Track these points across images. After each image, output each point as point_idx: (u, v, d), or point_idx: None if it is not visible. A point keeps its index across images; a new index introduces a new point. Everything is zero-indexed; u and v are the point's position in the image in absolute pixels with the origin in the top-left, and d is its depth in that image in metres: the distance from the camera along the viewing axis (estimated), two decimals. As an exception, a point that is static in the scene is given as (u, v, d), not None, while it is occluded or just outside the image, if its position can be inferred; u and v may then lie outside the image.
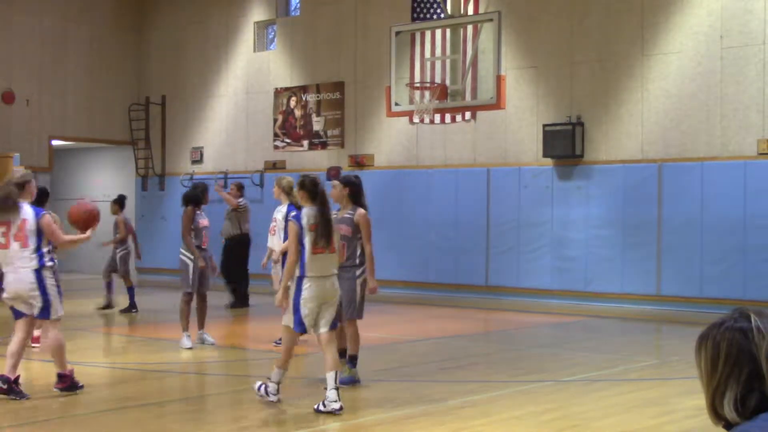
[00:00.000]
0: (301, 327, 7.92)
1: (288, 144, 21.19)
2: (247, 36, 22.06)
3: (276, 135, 21.41)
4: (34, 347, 11.13)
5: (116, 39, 23.61)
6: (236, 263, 16.13)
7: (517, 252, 17.69)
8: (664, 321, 14.81)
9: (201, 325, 11.51)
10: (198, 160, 22.83)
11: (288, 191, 11.26)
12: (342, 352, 9.04)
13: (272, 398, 7.99)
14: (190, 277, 11.51)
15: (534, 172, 17.53)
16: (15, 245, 8.24)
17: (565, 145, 16.85)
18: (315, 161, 20.69)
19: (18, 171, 8.78)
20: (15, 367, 8.22)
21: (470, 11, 18.06)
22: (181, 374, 9.88)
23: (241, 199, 16.16)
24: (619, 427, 7.29)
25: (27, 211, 8.36)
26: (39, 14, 22.23)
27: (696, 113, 15.82)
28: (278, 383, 8.01)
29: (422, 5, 18.65)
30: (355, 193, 9.03)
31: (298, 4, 21.58)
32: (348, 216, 9.00)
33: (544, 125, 17.19)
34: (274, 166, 21.30)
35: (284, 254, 8.82)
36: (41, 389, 8.86)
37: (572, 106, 17.12)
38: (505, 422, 7.41)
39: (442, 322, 14.71)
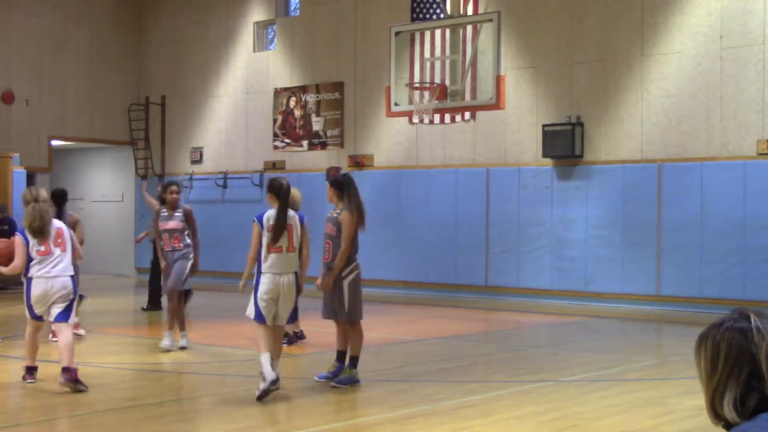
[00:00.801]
0: (260, 318, 8.50)
1: (288, 144, 21.19)
2: (246, 36, 22.06)
3: (275, 135, 21.41)
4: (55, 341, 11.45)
5: (116, 39, 23.61)
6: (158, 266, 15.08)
7: (516, 252, 17.69)
8: (664, 321, 14.81)
9: (171, 326, 11.25)
10: (197, 161, 22.83)
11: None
12: (342, 354, 9.04)
13: (266, 382, 8.12)
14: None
15: (533, 172, 17.53)
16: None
17: (565, 145, 16.85)
18: (314, 161, 20.69)
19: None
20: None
21: (470, 11, 18.07)
22: (179, 374, 9.88)
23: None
24: (619, 427, 7.29)
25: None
26: (39, 14, 22.23)
27: (695, 113, 15.82)
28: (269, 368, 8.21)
29: (422, 5, 18.65)
30: (341, 193, 9.09)
31: (298, 5, 21.58)
32: (335, 215, 9.12)
33: (544, 125, 17.19)
34: (274, 166, 21.30)
35: None
36: (38, 391, 8.86)
37: (572, 107, 17.12)
38: (504, 422, 7.41)
39: (442, 322, 14.71)
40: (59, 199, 11.94)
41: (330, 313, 9.10)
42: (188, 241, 11.42)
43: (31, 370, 9.02)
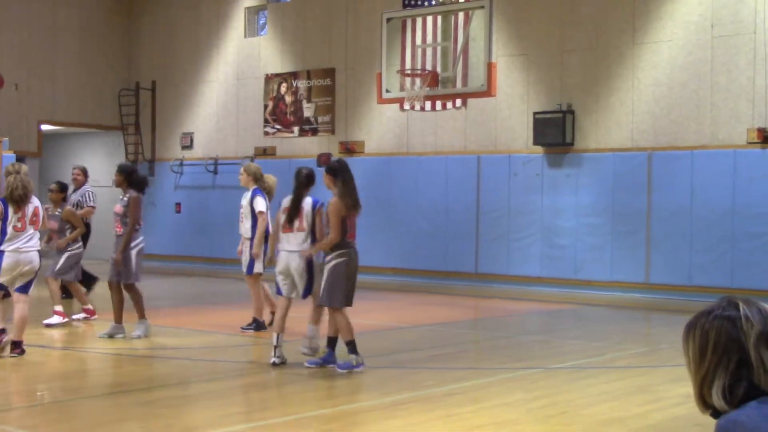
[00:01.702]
0: (278, 291, 9.42)
1: (278, 130, 21.15)
2: (237, 22, 21.99)
3: (266, 121, 21.37)
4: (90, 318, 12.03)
5: (106, 24, 23.50)
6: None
7: (506, 240, 17.71)
8: (653, 309, 14.86)
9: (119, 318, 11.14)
10: (188, 146, 22.77)
11: (258, 177, 11.79)
12: (332, 340, 9.05)
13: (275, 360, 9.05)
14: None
15: (524, 159, 17.54)
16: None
17: (556, 133, 16.86)
18: (305, 148, 20.66)
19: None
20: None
21: (461, -2, 18.02)
22: (168, 360, 9.87)
23: (86, 186, 14.36)
24: (608, 414, 7.31)
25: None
26: (28, -2, 22.11)
27: (686, 102, 15.84)
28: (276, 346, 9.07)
29: (413, -8, 18.60)
30: (335, 179, 8.97)
31: (289, -10, 21.51)
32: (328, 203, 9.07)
33: (535, 113, 17.19)
34: (265, 152, 21.27)
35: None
36: (25, 375, 8.85)
37: (563, 94, 17.12)
38: (494, 409, 7.43)
39: (432, 309, 14.73)
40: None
41: (314, 297, 9.40)
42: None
43: None
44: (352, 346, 8.90)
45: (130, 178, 11.09)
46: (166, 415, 7.20)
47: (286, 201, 9.47)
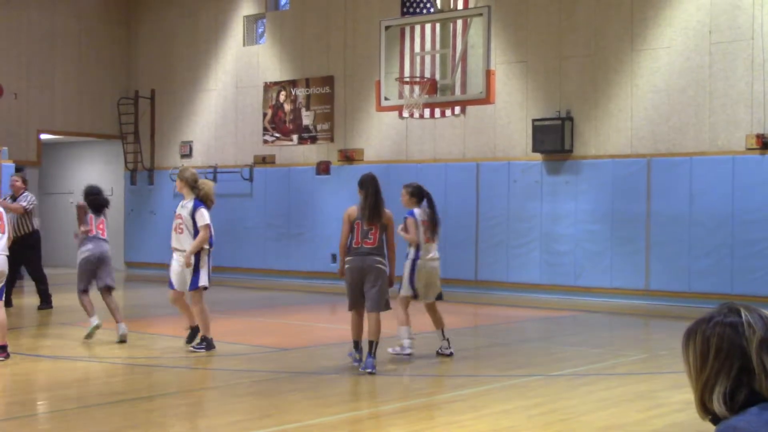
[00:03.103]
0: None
1: (277, 138, 21.17)
2: (236, 30, 22.02)
3: (265, 129, 21.39)
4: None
5: (105, 32, 23.54)
6: (37, 262, 14.99)
7: (506, 246, 17.72)
8: (653, 315, 14.86)
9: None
10: (187, 155, 22.78)
11: (192, 184, 10.58)
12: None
13: (407, 351, 9.99)
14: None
15: (523, 166, 17.55)
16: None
17: (555, 139, 16.87)
18: (304, 156, 20.67)
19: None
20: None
21: (460, 6, 18.06)
22: (170, 369, 9.86)
23: (26, 193, 14.65)
24: (608, 421, 7.31)
25: None
26: (27, 7, 22.15)
27: (685, 108, 15.86)
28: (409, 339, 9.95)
29: None
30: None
31: (288, -2, 21.54)
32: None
33: (534, 120, 17.21)
34: (264, 160, 21.28)
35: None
36: (25, 384, 8.84)
37: (561, 101, 17.14)
38: (494, 416, 7.43)
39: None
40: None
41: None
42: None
43: None
44: (355, 346, 9.63)
45: (87, 199, 12.00)
46: (166, 424, 7.19)
47: (423, 213, 10.43)
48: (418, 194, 10.57)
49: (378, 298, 9.45)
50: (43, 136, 22.71)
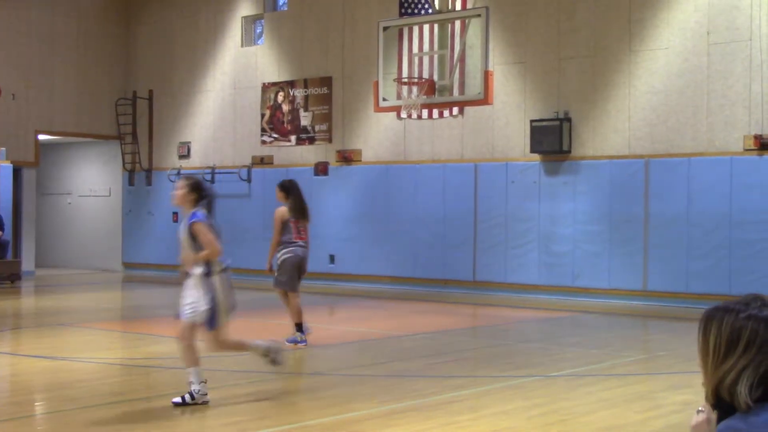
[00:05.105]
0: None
1: (275, 139, 21.17)
2: (234, 31, 22.01)
3: (263, 130, 21.38)
4: None
5: (104, 33, 23.52)
6: None
7: (504, 247, 17.72)
8: (651, 316, 14.87)
9: None
10: (185, 155, 22.78)
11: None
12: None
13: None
14: None
15: (521, 167, 17.55)
16: None
17: (553, 140, 16.88)
18: (303, 156, 20.67)
19: None
20: None
21: (458, 7, 18.07)
22: (167, 370, 9.86)
23: None
24: (607, 422, 7.31)
25: None
26: (26, 8, 22.13)
27: (683, 109, 15.87)
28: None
29: (410, 0, 18.64)
30: (285, 195, 11.38)
31: (286, -1, 21.55)
32: None
33: (532, 121, 17.22)
34: (262, 161, 21.28)
35: None
36: (25, 385, 8.84)
37: (560, 102, 17.15)
38: (493, 417, 7.43)
39: (430, 317, 14.72)
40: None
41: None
42: None
43: None
44: (298, 327, 11.02)
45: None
46: (165, 425, 7.19)
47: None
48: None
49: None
50: (42, 137, 22.69)
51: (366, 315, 14.56)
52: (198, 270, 7.88)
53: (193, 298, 7.89)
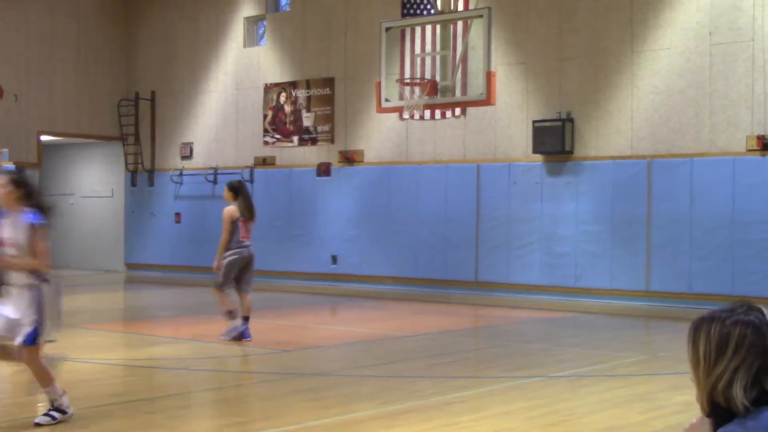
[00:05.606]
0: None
1: (278, 140, 21.17)
2: (236, 32, 22.02)
3: (266, 131, 21.39)
4: None
5: (105, 34, 23.54)
6: None
7: (506, 248, 17.71)
8: (653, 317, 14.85)
9: None
10: (188, 156, 22.79)
11: None
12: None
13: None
14: None
15: (524, 167, 17.55)
16: None
17: (555, 141, 16.88)
18: (305, 157, 20.68)
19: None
20: None
21: (460, 7, 18.06)
22: (169, 370, 9.87)
23: None
24: (608, 422, 7.31)
25: None
26: (27, 9, 22.15)
27: (685, 109, 15.86)
28: None
29: (412, 1, 18.64)
30: (235, 195, 11.47)
31: (288, 0, 21.55)
32: None
33: (534, 121, 17.21)
34: (264, 161, 21.28)
35: None
36: (24, 387, 8.83)
37: (562, 102, 17.14)
38: (494, 418, 7.43)
39: (432, 317, 14.72)
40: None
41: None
42: None
43: None
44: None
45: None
46: (167, 426, 7.19)
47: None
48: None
49: (252, 282, 11.67)
50: (44, 138, 22.72)
51: (368, 315, 14.56)
52: (23, 279, 6.90)
53: (17, 314, 6.86)
